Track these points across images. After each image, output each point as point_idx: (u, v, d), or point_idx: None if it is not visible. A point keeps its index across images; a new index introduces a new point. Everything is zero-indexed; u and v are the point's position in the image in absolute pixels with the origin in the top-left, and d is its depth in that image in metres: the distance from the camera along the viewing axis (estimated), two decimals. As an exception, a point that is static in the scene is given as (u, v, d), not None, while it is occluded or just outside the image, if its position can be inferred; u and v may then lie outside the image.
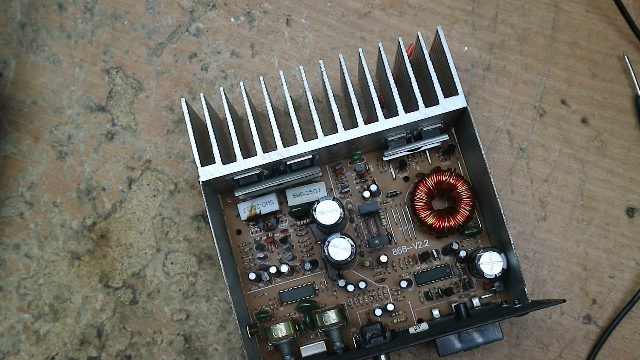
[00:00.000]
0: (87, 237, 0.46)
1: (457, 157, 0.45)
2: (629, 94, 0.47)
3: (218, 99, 0.47)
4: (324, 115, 0.47)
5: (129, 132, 0.47)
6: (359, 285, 0.43)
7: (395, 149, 0.41)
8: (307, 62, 0.48)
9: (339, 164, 0.44)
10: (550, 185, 0.46)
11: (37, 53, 0.48)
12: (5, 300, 0.45)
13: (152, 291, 0.45)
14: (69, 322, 0.45)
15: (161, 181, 0.46)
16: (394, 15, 0.48)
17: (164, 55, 0.48)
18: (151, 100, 0.47)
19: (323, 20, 0.48)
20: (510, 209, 0.45)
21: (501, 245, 0.41)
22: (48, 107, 0.47)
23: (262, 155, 0.39)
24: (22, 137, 0.47)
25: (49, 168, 0.47)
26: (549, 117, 0.46)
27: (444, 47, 0.39)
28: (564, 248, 0.45)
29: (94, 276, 0.45)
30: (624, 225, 0.45)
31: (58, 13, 0.49)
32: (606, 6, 0.48)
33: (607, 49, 0.47)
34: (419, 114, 0.39)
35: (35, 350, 0.45)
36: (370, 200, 0.44)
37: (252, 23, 0.48)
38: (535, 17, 0.48)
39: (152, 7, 0.48)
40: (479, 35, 0.48)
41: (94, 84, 0.48)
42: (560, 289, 0.44)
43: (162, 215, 0.46)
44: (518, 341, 0.44)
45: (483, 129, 0.46)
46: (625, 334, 0.44)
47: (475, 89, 0.47)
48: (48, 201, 0.46)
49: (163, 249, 0.45)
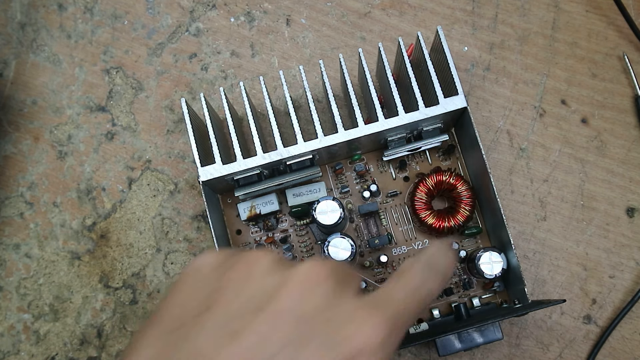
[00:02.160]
0: (87, 237, 0.46)
1: (457, 157, 0.45)
2: (629, 94, 0.47)
3: (218, 99, 0.47)
4: (324, 115, 0.47)
5: (129, 132, 0.47)
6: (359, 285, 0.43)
7: (395, 149, 0.41)
8: (307, 62, 0.48)
9: (339, 164, 0.44)
10: (550, 185, 0.46)
11: (37, 53, 0.48)
12: (5, 300, 0.45)
13: (152, 291, 0.45)
14: (69, 322, 0.45)
15: (161, 181, 0.46)
16: (394, 15, 0.48)
17: (164, 55, 0.48)
18: (151, 100, 0.47)
19: (323, 20, 0.48)
20: (510, 209, 0.45)
21: (501, 245, 0.41)
22: (48, 107, 0.47)
23: (262, 155, 0.39)
24: (22, 137, 0.47)
25: (49, 168, 0.47)
26: (549, 117, 0.46)
27: (444, 47, 0.39)
28: (564, 248, 0.45)
29: (94, 276, 0.45)
30: (624, 225, 0.45)
31: (58, 13, 0.49)
32: (606, 6, 0.48)
33: (607, 49, 0.47)
34: (419, 114, 0.39)
35: (35, 350, 0.45)
36: (370, 200, 0.44)
37: (252, 23, 0.48)
38: (535, 17, 0.48)
39: (152, 7, 0.48)
40: (479, 35, 0.48)
41: (94, 84, 0.48)
42: (560, 289, 0.44)
43: (162, 215, 0.46)
44: (518, 341, 0.44)
45: (483, 129, 0.46)
46: (625, 334, 0.44)
47: (475, 89, 0.47)
48: (48, 201, 0.46)
49: (163, 249, 0.45)
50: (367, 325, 0.23)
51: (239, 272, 0.25)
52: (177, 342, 0.22)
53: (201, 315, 0.23)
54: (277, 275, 0.24)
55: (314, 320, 0.22)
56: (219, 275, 0.25)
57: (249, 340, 0.22)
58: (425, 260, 0.27)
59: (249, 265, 0.25)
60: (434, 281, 0.27)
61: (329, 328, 0.22)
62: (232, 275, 0.24)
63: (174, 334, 0.23)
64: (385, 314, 0.23)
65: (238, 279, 0.24)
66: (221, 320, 0.23)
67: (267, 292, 0.23)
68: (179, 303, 0.25)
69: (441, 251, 0.28)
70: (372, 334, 0.22)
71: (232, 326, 0.22)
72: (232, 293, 0.24)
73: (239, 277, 0.24)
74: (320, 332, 0.22)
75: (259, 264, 0.25)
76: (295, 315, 0.22)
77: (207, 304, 0.24)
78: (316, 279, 0.23)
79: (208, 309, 0.23)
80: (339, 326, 0.22)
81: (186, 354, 0.22)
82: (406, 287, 0.26)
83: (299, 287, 0.23)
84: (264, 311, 0.22)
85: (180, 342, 0.22)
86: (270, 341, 0.22)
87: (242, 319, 0.22)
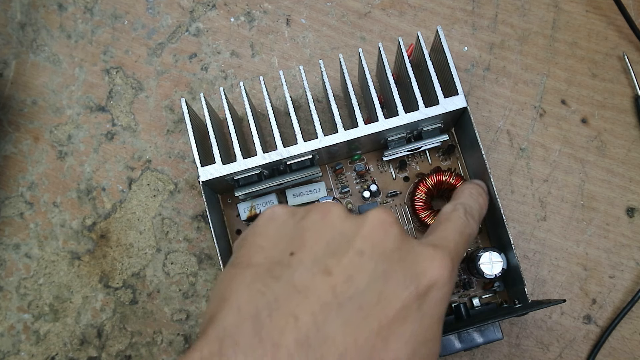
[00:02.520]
0: (87, 237, 0.46)
1: (457, 157, 0.45)
2: (629, 94, 0.47)
3: (218, 99, 0.47)
4: (324, 115, 0.47)
5: (129, 132, 0.47)
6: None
7: (395, 149, 0.41)
8: (307, 62, 0.48)
9: (339, 164, 0.44)
10: (550, 185, 0.46)
11: (37, 53, 0.48)
12: (5, 300, 0.45)
13: (152, 291, 0.45)
14: (69, 322, 0.45)
15: (161, 181, 0.46)
16: (394, 15, 0.48)
17: (164, 55, 0.48)
18: (151, 100, 0.47)
19: (323, 20, 0.48)
20: (510, 209, 0.45)
21: (501, 245, 0.41)
22: (48, 107, 0.47)
23: (262, 155, 0.39)
24: (22, 137, 0.47)
25: (49, 168, 0.47)
26: (549, 117, 0.46)
27: (444, 47, 0.39)
28: (564, 248, 0.45)
29: (94, 276, 0.45)
30: (624, 225, 0.45)
31: (58, 13, 0.49)
32: (606, 6, 0.48)
33: (607, 49, 0.47)
34: (419, 114, 0.39)
35: (35, 350, 0.45)
36: (370, 200, 0.44)
37: (252, 23, 0.48)
38: (535, 17, 0.48)
39: (152, 7, 0.48)
40: (479, 35, 0.48)
41: (94, 84, 0.48)
42: (560, 289, 0.44)
43: (162, 215, 0.46)
44: (518, 341, 0.44)
45: (483, 129, 0.46)
46: (625, 334, 0.44)
47: (475, 89, 0.47)
48: (48, 201, 0.46)
49: (163, 249, 0.45)
50: (436, 261, 0.26)
51: (315, 220, 0.27)
52: (275, 282, 0.25)
53: (292, 256, 0.26)
54: (350, 221, 0.27)
55: (392, 257, 0.26)
56: (295, 222, 0.28)
57: (341, 276, 0.24)
58: (462, 207, 0.32)
59: (324, 214, 0.27)
60: (474, 223, 0.32)
61: (406, 264, 0.26)
62: (308, 223, 0.27)
63: (269, 274, 0.25)
64: (446, 252, 0.27)
65: (315, 225, 0.27)
66: (311, 261, 0.25)
67: (346, 235, 0.26)
68: (265, 247, 0.27)
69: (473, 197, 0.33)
70: (443, 268, 0.26)
71: (323, 265, 0.25)
72: (314, 237, 0.26)
73: (315, 224, 0.27)
74: (399, 267, 0.26)
75: (331, 212, 0.28)
76: (375, 254, 0.26)
77: (292, 247, 0.26)
78: (388, 223, 0.27)
79: (295, 252, 0.26)
80: (414, 262, 0.26)
81: (286, 291, 0.24)
82: (455, 231, 0.30)
83: (375, 230, 0.26)
84: (349, 251, 0.25)
85: (277, 281, 0.25)
86: (358, 277, 0.25)
87: (331, 259, 0.25)
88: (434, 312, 0.26)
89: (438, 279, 0.26)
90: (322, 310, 0.23)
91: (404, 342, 0.24)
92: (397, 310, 0.24)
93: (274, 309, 0.24)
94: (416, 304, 0.25)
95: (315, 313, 0.23)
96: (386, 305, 0.24)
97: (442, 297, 0.26)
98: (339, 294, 0.24)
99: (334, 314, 0.23)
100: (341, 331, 0.23)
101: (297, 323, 0.23)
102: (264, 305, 0.24)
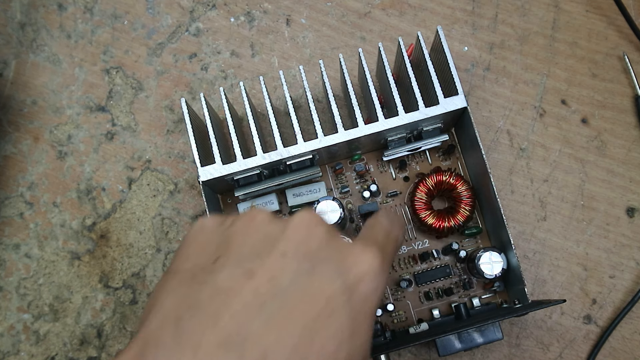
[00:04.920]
0: (87, 237, 0.46)
1: (457, 157, 0.45)
2: (629, 94, 0.47)
3: (218, 99, 0.47)
4: (324, 115, 0.47)
5: (129, 132, 0.47)
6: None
7: (395, 149, 0.41)
8: (307, 62, 0.48)
9: (339, 164, 0.44)
10: (550, 185, 0.46)
11: (37, 53, 0.48)
12: (5, 300, 0.45)
13: (152, 291, 0.45)
14: (69, 322, 0.45)
15: (161, 181, 0.46)
16: (394, 15, 0.48)
17: (164, 55, 0.48)
18: (151, 100, 0.47)
19: (323, 20, 0.48)
20: (510, 209, 0.45)
21: (501, 245, 0.41)
22: (48, 107, 0.47)
23: (262, 155, 0.39)
24: (22, 137, 0.47)
25: (49, 168, 0.47)
26: (549, 117, 0.46)
27: (444, 47, 0.39)
28: (564, 248, 0.45)
29: (94, 276, 0.45)
30: (624, 225, 0.45)
31: (58, 13, 0.49)
32: (606, 6, 0.48)
33: (607, 49, 0.47)
34: (419, 114, 0.39)
35: (35, 350, 0.45)
36: (370, 200, 0.44)
37: (252, 23, 0.48)
38: (535, 17, 0.48)
39: (152, 7, 0.48)
40: (479, 35, 0.48)
41: (94, 84, 0.48)
42: (560, 289, 0.44)
43: (162, 215, 0.46)
44: (518, 341, 0.44)
45: (483, 129, 0.46)
46: (625, 334, 0.44)
47: (475, 89, 0.47)
48: (48, 201, 0.46)
49: (163, 249, 0.45)
50: (365, 255, 0.27)
51: (241, 226, 0.28)
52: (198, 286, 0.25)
53: (216, 262, 0.26)
54: (275, 224, 0.27)
55: (317, 256, 0.26)
56: (223, 230, 0.28)
57: (264, 276, 0.25)
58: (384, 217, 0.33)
59: (249, 220, 0.28)
60: (398, 230, 0.32)
61: (333, 260, 0.26)
62: (234, 229, 0.28)
63: (194, 280, 0.25)
64: (375, 247, 0.27)
65: (241, 230, 0.27)
66: (235, 263, 0.25)
67: (271, 237, 0.27)
68: (192, 255, 0.28)
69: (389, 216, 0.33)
70: (372, 260, 0.27)
71: (246, 267, 0.25)
72: (239, 241, 0.27)
73: (242, 229, 0.27)
74: (325, 264, 0.26)
75: (257, 218, 0.28)
76: (301, 252, 0.26)
77: (217, 253, 0.27)
78: (313, 223, 0.27)
79: (220, 256, 0.26)
80: (342, 258, 0.26)
81: (209, 294, 0.24)
82: (382, 231, 0.31)
83: (298, 231, 0.27)
84: (272, 252, 0.26)
85: (200, 285, 0.25)
86: (281, 277, 0.25)
87: (255, 261, 0.25)
88: (363, 306, 0.26)
89: (367, 272, 0.26)
90: (244, 310, 0.23)
91: (329, 337, 0.24)
92: (322, 306, 0.24)
93: (195, 312, 0.24)
94: (343, 298, 0.25)
95: (237, 313, 0.23)
96: (310, 301, 0.24)
97: (372, 291, 0.26)
98: (261, 294, 0.24)
99: (256, 313, 0.23)
100: (263, 330, 0.23)
101: (217, 324, 0.23)
102: (186, 308, 0.24)
